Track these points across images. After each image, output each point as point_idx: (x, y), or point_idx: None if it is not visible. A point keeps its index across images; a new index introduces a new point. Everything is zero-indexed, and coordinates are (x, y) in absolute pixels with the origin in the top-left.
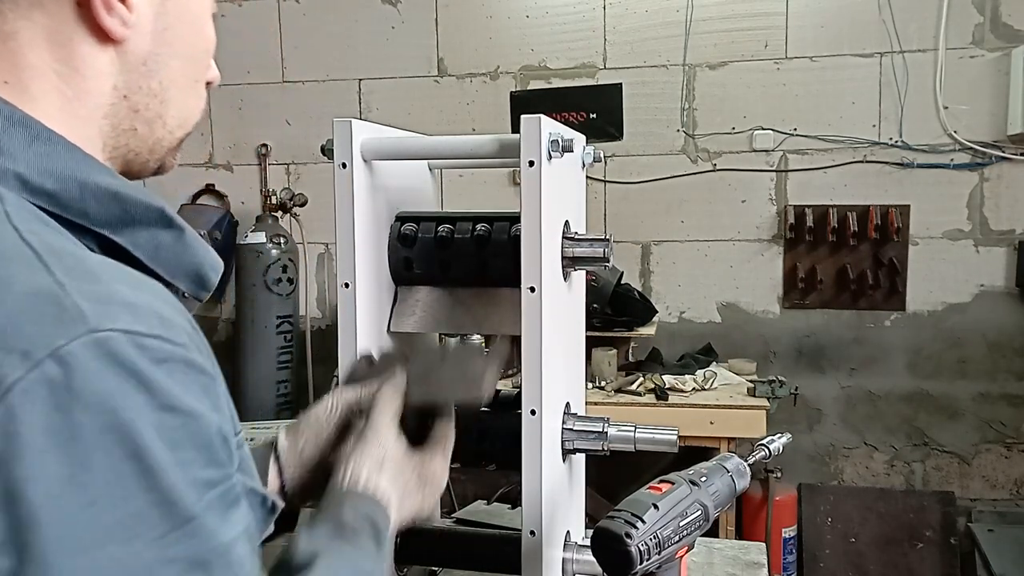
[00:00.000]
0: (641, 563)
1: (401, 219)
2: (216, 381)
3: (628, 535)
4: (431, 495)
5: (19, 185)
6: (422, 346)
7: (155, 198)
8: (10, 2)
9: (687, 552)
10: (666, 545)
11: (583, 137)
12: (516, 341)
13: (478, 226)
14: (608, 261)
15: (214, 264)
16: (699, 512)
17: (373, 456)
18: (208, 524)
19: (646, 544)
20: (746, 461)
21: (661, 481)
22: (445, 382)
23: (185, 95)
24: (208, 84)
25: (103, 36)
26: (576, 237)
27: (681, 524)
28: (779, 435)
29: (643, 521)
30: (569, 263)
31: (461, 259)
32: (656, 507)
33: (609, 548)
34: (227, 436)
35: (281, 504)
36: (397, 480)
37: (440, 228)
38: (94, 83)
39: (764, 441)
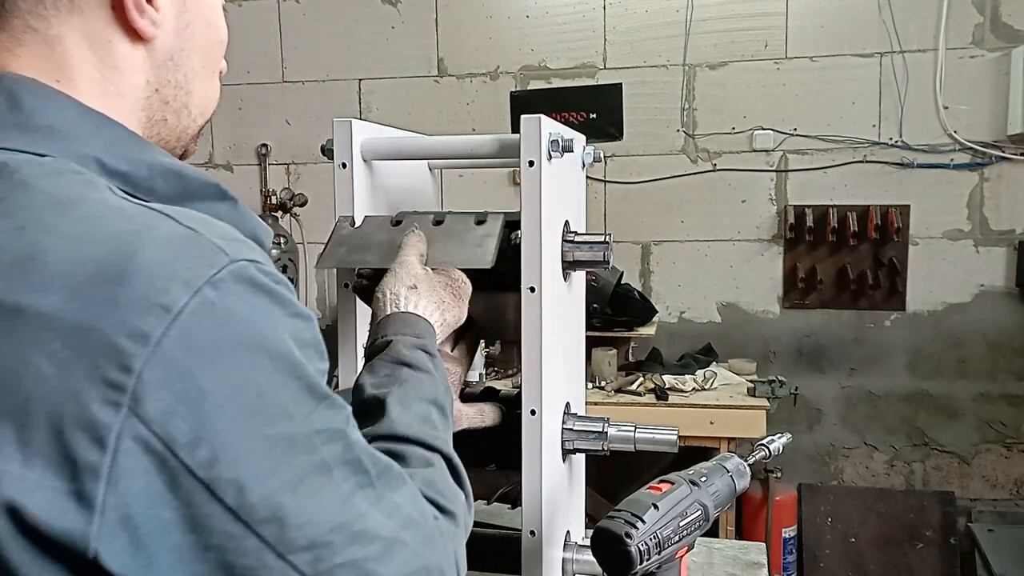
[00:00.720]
0: (641, 563)
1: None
2: (313, 318)
3: (628, 535)
4: (464, 302)
5: (99, 168)
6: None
7: (209, 175)
8: (52, 8)
9: (687, 552)
10: (666, 545)
11: (583, 137)
12: (517, 342)
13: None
14: (608, 261)
15: (267, 230)
16: (699, 512)
17: (405, 282)
18: (336, 403)
19: (646, 544)
20: (746, 461)
21: (661, 481)
22: (451, 248)
23: (205, 85)
24: (220, 74)
25: (135, 36)
26: (576, 238)
27: (681, 524)
28: (779, 435)
29: (643, 521)
30: (569, 263)
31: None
32: (656, 507)
33: (609, 548)
34: None
35: None
36: (432, 296)
37: None
38: (131, 78)
39: (764, 441)
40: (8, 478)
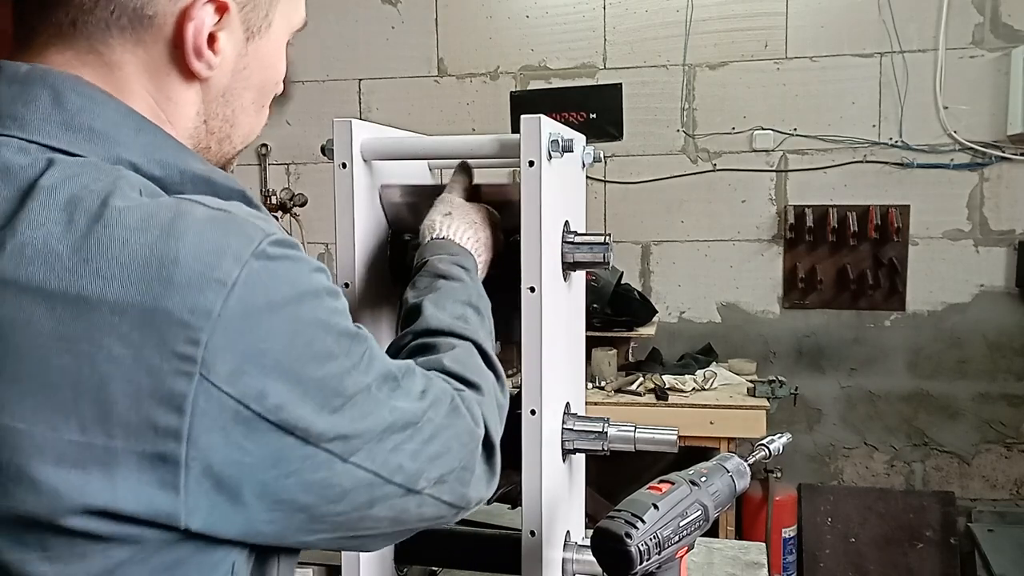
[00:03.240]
0: (641, 563)
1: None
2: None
3: (628, 535)
4: (496, 228)
5: (132, 171)
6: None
7: (238, 182)
8: (119, 36)
9: (687, 552)
10: (666, 545)
11: (583, 137)
12: (517, 341)
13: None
14: (608, 261)
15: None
16: (699, 512)
17: (441, 211)
18: (361, 333)
19: (646, 544)
20: (746, 461)
21: (661, 481)
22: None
23: (251, 118)
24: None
25: (191, 75)
26: (576, 238)
27: (681, 524)
28: (779, 435)
29: (643, 521)
30: (569, 263)
31: None
32: (656, 507)
33: (609, 548)
34: None
35: None
36: (465, 219)
37: None
38: (183, 110)
39: (764, 441)
40: (93, 450)
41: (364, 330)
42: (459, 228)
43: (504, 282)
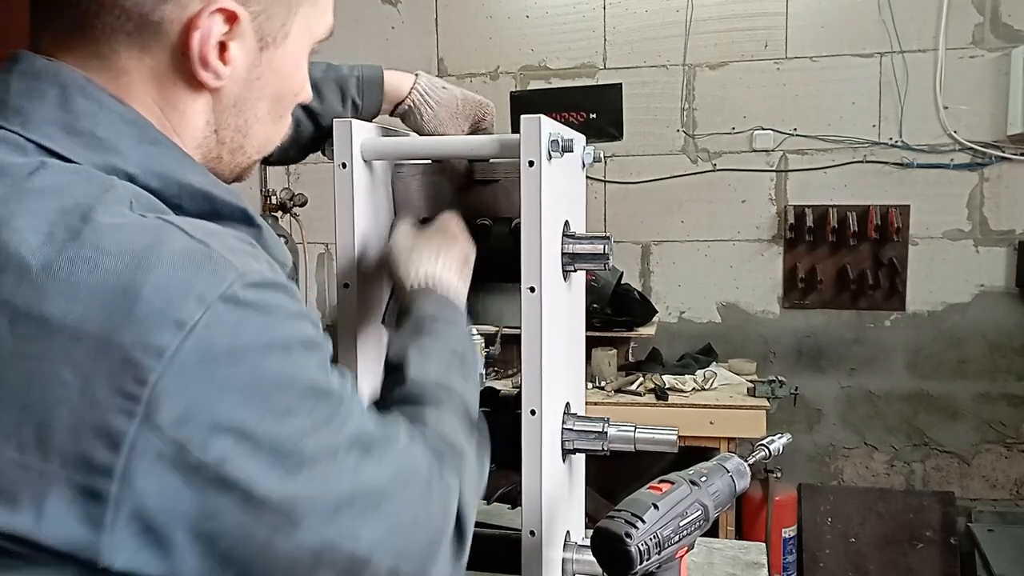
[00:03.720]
0: (641, 563)
1: None
2: (309, 315)
3: (628, 535)
4: (460, 235)
5: (128, 181)
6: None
7: (240, 199)
8: (125, 42)
9: (687, 552)
10: (666, 545)
11: (583, 137)
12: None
13: (478, 220)
14: (608, 261)
15: (284, 261)
16: (699, 512)
17: (404, 254)
18: (336, 389)
19: (646, 544)
20: (746, 461)
21: (661, 481)
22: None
23: (267, 128)
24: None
25: (198, 85)
26: (576, 237)
27: (681, 524)
28: (779, 435)
29: (643, 521)
30: (569, 263)
31: None
32: (656, 507)
33: (609, 548)
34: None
35: None
36: (429, 247)
37: None
38: (191, 119)
39: (764, 441)
40: (28, 473)
41: (347, 383)
42: (431, 268)
43: (493, 272)
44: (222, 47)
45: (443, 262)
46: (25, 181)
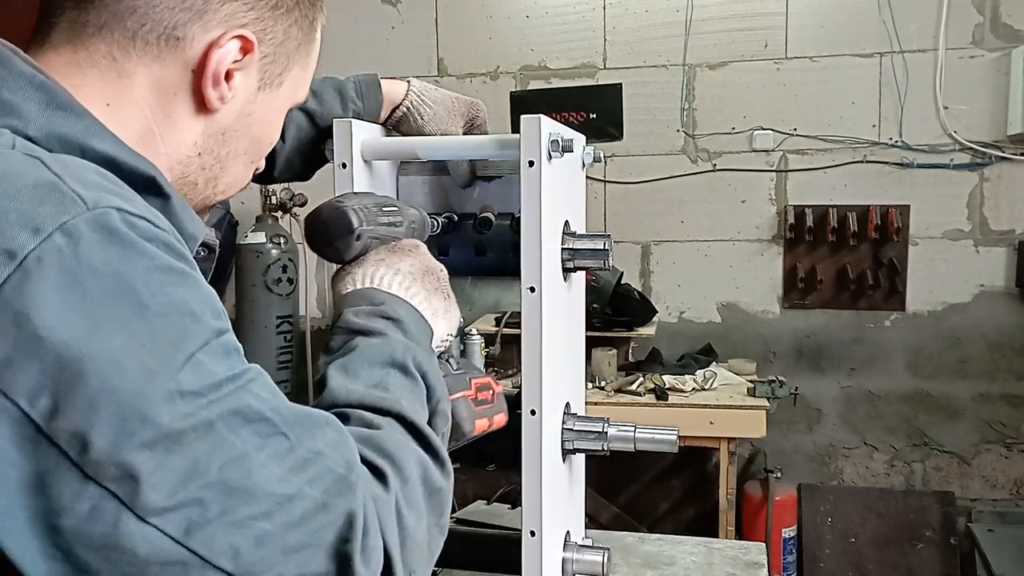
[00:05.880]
0: (361, 225)
1: None
2: (193, 275)
3: (340, 201)
4: (415, 250)
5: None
6: None
7: (150, 166)
8: (141, 47)
9: (489, 427)
10: (376, 219)
11: (583, 137)
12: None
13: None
14: (609, 259)
15: (199, 226)
16: (395, 208)
17: (352, 265)
18: (221, 359)
19: (363, 209)
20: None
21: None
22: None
23: (239, 168)
24: (255, 169)
25: (200, 102)
26: (576, 236)
27: (384, 209)
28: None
29: (349, 198)
30: (569, 263)
31: (462, 245)
32: (356, 194)
33: (325, 218)
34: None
35: None
36: (380, 263)
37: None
38: (181, 134)
39: None
40: None
41: (234, 358)
42: (377, 272)
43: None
44: (228, 74)
45: (392, 267)
46: None
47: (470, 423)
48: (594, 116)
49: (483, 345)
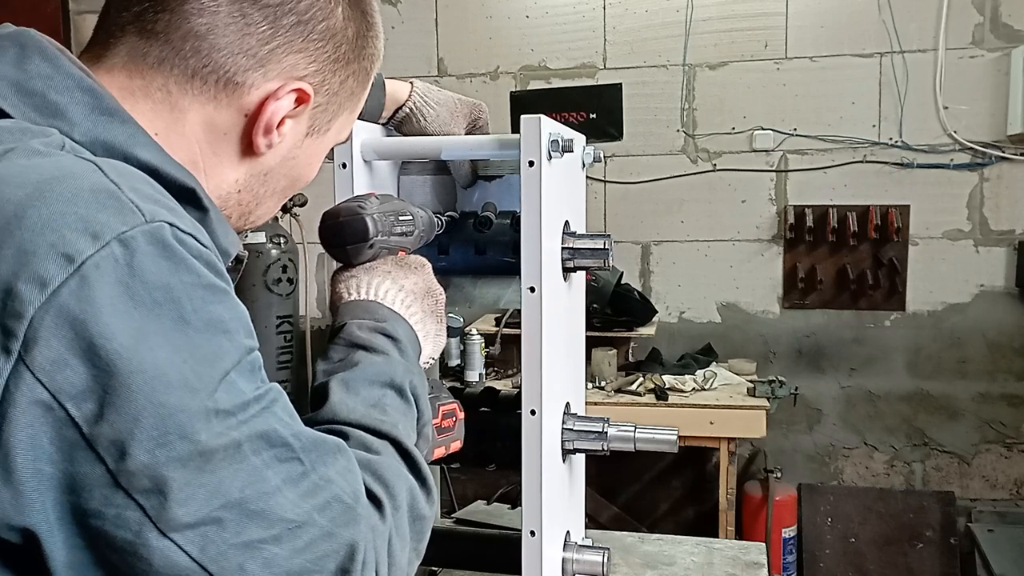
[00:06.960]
0: (377, 235)
1: None
2: (231, 294)
3: (361, 207)
4: (420, 270)
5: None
6: None
7: (191, 178)
8: (199, 86)
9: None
10: (393, 229)
11: (583, 137)
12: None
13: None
14: (609, 259)
15: (235, 242)
16: (410, 217)
17: (359, 270)
18: (249, 379)
19: (381, 217)
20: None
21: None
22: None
23: (273, 204)
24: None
25: (248, 145)
26: (576, 238)
27: (400, 219)
28: None
29: (369, 203)
30: (569, 263)
31: (462, 244)
32: (377, 198)
33: (342, 223)
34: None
35: None
36: (386, 275)
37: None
38: (225, 171)
39: None
40: None
41: (259, 378)
42: (382, 285)
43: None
44: (280, 122)
45: (396, 281)
46: None
47: (430, 452)
48: (594, 116)
49: (483, 345)
